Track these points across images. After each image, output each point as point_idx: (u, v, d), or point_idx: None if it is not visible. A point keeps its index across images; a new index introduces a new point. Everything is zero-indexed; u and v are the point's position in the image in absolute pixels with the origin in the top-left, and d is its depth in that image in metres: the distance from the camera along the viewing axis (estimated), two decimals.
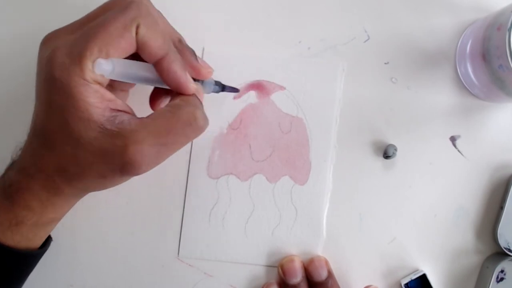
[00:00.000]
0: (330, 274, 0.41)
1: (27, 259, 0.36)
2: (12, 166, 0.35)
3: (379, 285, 0.42)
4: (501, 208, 0.41)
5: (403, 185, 0.42)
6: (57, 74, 0.31)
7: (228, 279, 0.42)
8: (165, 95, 0.38)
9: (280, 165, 0.42)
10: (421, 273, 0.41)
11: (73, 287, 0.42)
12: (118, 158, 0.31)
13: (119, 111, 0.32)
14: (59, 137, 0.32)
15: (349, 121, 0.42)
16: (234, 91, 0.41)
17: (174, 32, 0.36)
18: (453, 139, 0.42)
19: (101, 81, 0.32)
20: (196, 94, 0.35)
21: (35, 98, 0.34)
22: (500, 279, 0.40)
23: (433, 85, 0.42)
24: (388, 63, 0.42)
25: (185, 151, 0.42)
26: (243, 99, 0.42)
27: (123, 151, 0.31)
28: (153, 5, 0.34)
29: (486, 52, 0.37)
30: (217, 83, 0.39)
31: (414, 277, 0.41)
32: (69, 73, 0.31)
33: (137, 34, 0.32)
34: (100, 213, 0.42)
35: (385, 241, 0.42)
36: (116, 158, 0.31)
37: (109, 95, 0.32)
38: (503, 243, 0.40)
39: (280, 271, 0.41)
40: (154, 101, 0.38)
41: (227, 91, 0.40)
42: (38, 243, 0.36)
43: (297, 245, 0.42)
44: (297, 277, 0.40)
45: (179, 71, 0.34)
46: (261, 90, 0.42)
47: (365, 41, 0.43)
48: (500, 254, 0.41)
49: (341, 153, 0.42)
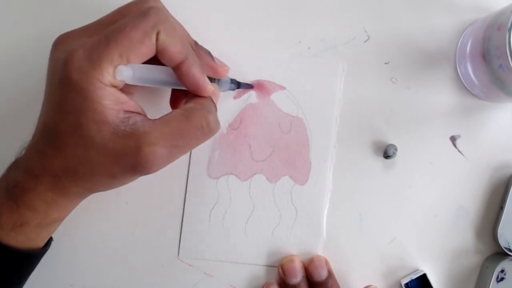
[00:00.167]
0: (330, 274, 0.41)
1: (29, 259, 0.36)
2: (15, 166, 0.35)
3: (379, 285, 0.42)
4: (501, 208, 0.41)
5: (403, 185, 0.42)
6: (74, 76, 0.31)
7: (228, 279, 0.42)
8: (185, 97, 0.39)
9: (280, 165, 0.42)
10: (421, 273, 0.41)
11: (73, 287, 0.42)
12: (130, 158, 0.32)
13: (132, 112, 0.33)
14: (70, 138, 0.32)
15: (349, 121, 0.42)
16: (249, 87, 0.41)
17: (189, 36, 0.36)
18: (453, 139, 0.42)
19: (117, 84, 0.32)
20: (212, 95, 0.36)
21: (44, 99, 0.34)
22: (500, 279, 0.40)
23: (433, 85, 0.42)
24: (388, 63, 0.42)
25: None
26: (243, 99, 0.42)
27: (136, 151, 0.32)
28: (168, 10, 0.34)
29: (486, 52, 0.37)
30: (233, 81, 0.39)
31: (414, 277, 0.41)
32: (87, 76, 0.31)
33: (157, 40, 0.32)
34: (100, 213, 0.42)
35: (385, 241, 0.42)
36: (128, 158, 0.32)
37: (124, 98, 0.33)
38: (503, 243, 0.40)
39: (280, 271, 0.41)
40: (175, 104, 0.39)
41: (242, 88, 0.41)
42: (40, 243, 0.36)
43: (297, 245, 0.42)
44: (297, 277, 0.40)
45: (198, 74, 0.34)
46: (261, 90, 0.42)
47: (365, 41, 0.42)
48: (500, 254, 0.41)
49: (341, 153, 0.42)
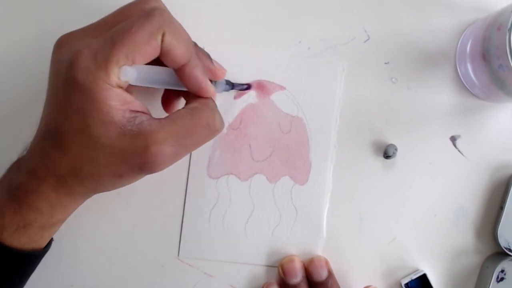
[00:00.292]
0: (330, 274, 0.41)
1: (30, 260, 0.36)
2: (16, 167, 0.35)
3: (379, 285, 0.42)
4: (501, 208, 0.41)
5: (403, 185, 0.42)
6: (80, 78, 0.31)
7: (228, 279, 0.42)
8: (178, 97, 0.39)
9: (280, 165, 0.42)
10: (421, 273, 0.41)
11: (73, 287, 0.42)
12: (138, 157, 0.32)
13: (138, 112, 0.33)
14: (75, 138, 0.32)
15: (349, 121, 0.42)
16: (242, 88, 0.42)
17: (190, 37, 0.36)
18: (453, 139, 0.42)
19: (123, 85, 0.32)
20: (212, 96, 0.36)
21: (46, 99, 0.34)
22: (500, 279, 0.40)
23: (433, 85, 0.42)
24: (388, 63, 0.42)
25: None
26: (243, 99, 0.42)
27: (144, 151, 0.32)
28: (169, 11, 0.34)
29: (486, 52, 0.37)
30: (228, 82, 0.39)
31: (414, 277, 0.41)
32: (94, 77, 0.31)
33: (162, 41, 0.32)
34: (100, 213, 0.42)
35: (385, 241, 0.42)
36: (136, 157, 0.32)
37: (130, 98, 0.33)
38: (503, 243, 0.40)
39: (280, 271, 0.41)
40: (167, 103, 0.39)
41: (236, 89, 0.41)
42: (42, 244, 0.36)
43: (297, 245, 0.42)
44: (297, 277, 0.40)
45: (201, 76, 0.34)
46: (261, 90, 0.42)
47: (365, 41, 0.42)
48: (500, 254, 0.41)
49: (341, 153, 0.42)
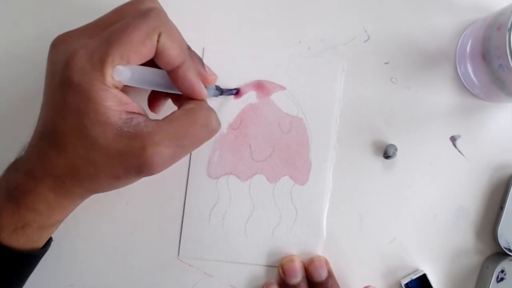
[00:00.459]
0: (330, 274, 0.41)
1: (29, 260, 0.36)
2: (14, 167, 0.35)
3: (379, 285, 0.42)
4: (501, 208, 0.41)
5: (403, 185, 0.42)
6: (76, 78, 0.31)
7: (228, 279, 0.42)
8: (165, 98, 0.39)
9: (280, 165, 0.42)
10: (421, 273, 0.41)
11: (73, 287, 0.42)
12: (135, 159, 0.32)
13: (134, 113, 0.33)
14: (72, 139, 0.32)
15: (349, 121, 0.42)
16: (232, 93, 0.42)
17: (184, 40, 0.36)
18: (453, 139, 0.42)
19: (118, 84, 0.32)
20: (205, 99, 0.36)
21: (43, 100, 0.34)
22: (500, 279, 0.40)
23: (433, 85, 0.42)
24: (388, 63, 0.42)
25: None
26: (243, 99, 0.42)
27: (141, 152, 0.32)
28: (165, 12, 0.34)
29: (486, 52, 0.37)
30: (217, 88, 0.40)
31: (414, 277, 0.41)
32: (90, 78, 0.31)
33: (158, 42, 0.32)
34: (100, 213, 0.42)
35: (385, 241, 0.42)
36: (133, 159, 0.32)
37: (126, 99, 0.32)
38: (503, 243, 0.40)
39: (280, 271, 0.41)
40: (153, 104, 0.39)
41: (225, 95, 0.41)
42: (41, 244, 0.36)
43: (297, 245, 0.42)
44: (297, 277, 0.40)
45: (194, 79, 0.34)
46: (261, 90, 0.42)
47: (365, 41, 0.42)
48: (500, 254, 0.41)
49: (341, 153, 0.42)
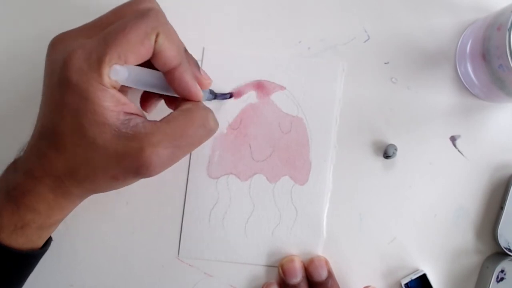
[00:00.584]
0: (330, 274, 0.41)
1: (29, 260, 0.36)
2: (13, 167, 0.35)
3: (379, 285, 0.42)
4: (501, 208, 0.41)
5: (403, 185, 0.42)
6: (74, 78, 0.31)
7: (228, 279, 0.42)
8: (158, 98, 0.39)
9: (280, 165, 0.42)
10: (421, 273, 0.41)
11: (73, 287, 0.42)
12: (133, 160, 0.32)
13: (132, 114, 0.33)
14: (71, 139, 0.32)
15: (349, 121, 0.42)
16: (225, 97, 0.41)
17: (181, 41, 0.36)
18: (453, 139, 0.42)
19: (116, 85, 0.32)
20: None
21: (42, 100, 0.34)
22: (500, 279, 0.40)
23: (433, 85, 0.42)
24: (388, 63, 0.42)
25: None
26: (243, 99, 0.42)
27: (139, 153, 0.31)
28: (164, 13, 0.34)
29: (486, 52, 0.37)
30: (211, 92, 0.39)
31: (414, 277, 0.41)
32: (87, 78, 0.31)
33: (155, 42, 0.32)
34: (100, 213, 0.42)
35: (385, 241, 0.42)
36: (131, 160, 0.32)
37: (124, 99, 0.32)
38: (503, 243, 0.40)
39: (280, 271, 0.41)
40: (145, 103, 0.39)
41: (218, 99, 0.41)
42: (40, 244, 0.36)
43: (297, 245, 0.42)
44: (297, 277, 0.40)
45: (190, 81, 0.34)
46: (261, 90, 0.42)
47: (365, 41, 0.43)
48: (500, 254, 0.41)
49: (341, 153, 0.42)
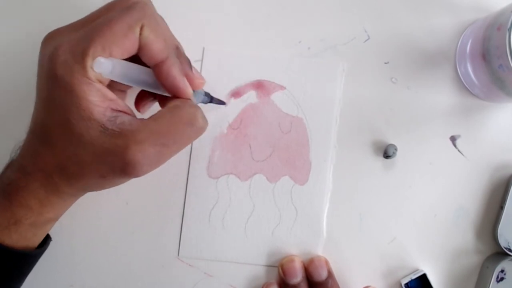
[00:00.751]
0: (330, 274, 0.41)
1: (25, 259, 0.36)
2: (10, 165, 0.35)
3: (379, 285, 0.41)
4: (501, 208, 0.41)
5: (403, 185, 0.42)
6: (59, 71, 0.31)
7: (228, 279, 0.42)
8: (152, 98, 0.38)
9: (280, 165, 0.42)
10: (421, 273, 0.41)
11: (73, 287, 0.42)
12: (119, 158, 0.31)
13: (120, 111, 0.32)
14: (59, 135, 0.32)
15: (349, 121, 0.42)
16: (220, 103, 0.40)
17: (173, 37, 0.36)
18: (453, 139, 0.42)
19: (103, 80, 0.32)
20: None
21: (35, 96, 0.34)
22: (500, 279, 0.40)
23: (433, 85, 0.42)
24: (388, 63, 0.42)
25: (185, 151, 0.42)
26: (243, 99, 0.42)
27: (124, 151, 0.31)
28: (155, 8, 0.34)
29: (486, 52, 0.37)
30: (206, 94, 0.38)
31: (414, 277, 0.41)
32: (71, 71, 0.31)
33: (140, 35, 0.32)
34: (100, 213, 0.42)
35: (385, 241, 0.42)
36: (117, 158, 0.31)
37: (111, 95, 0.32)
38: (503, 243, 0.40)
39: (280, 271, 0.41)
40: (139, 103, 0.38)
41: (214, 103, 0.40)
42: (36, 242, 0.36)
43: (297, 245, 0.42)
44: (297, 277, 0.40)
45: (178, 76, 0.34)
46: (261, 90, 0.42)
47: (365, 41, 0.43)
48: (500, 254, 0.41)
49: (341, 153, 0.42)
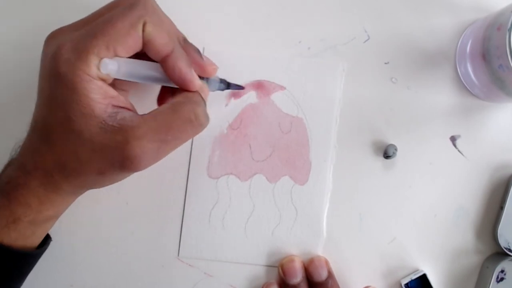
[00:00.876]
0: (330, 274, 0.41)
1: (25, 259, 0.36)
2: (10, 163, 0.35)
3: (379, 285, 0.41)
4: (501, 208, 0.41)
5: (403, 185, 0.42)
6: (62, 69, 0.31)
7: (228, 279, 0.42)
8: (172, 95, 0.39)
9: (280, 165, 0.42)
10: (421, 273, 0.41)
11: (73, 287, 0.42)
12: (118, 153, 0.32)
13: (121, 107, 0.33)
14: (60, 132, 0.32)
15: (349, 121, 0.42)
16: (239, 88, 0.41)
17: (178, 31, 0.36)
18: (453, 139, 0.42)
19: (105, 78, 0.32)
20: (200, 91, 0.35)
21: (37, 94, 0.34)
22: (500, 279, 0.40)
23: (433, 85, 0.42)
24: (388, 63, 0.42)
25: (185, 151, 0.42)
26: (243, 99, 0.42)
27: (123, 146, 0.31)
28: (157, 4, 0.34)
29: (486, 52, 0.37)
30: (222, 81, 0.39)
31: (414, 277, 0.41)
32: (74, 68, 0.31)
33: (143, 31, 0.32)
34: (100, 213, 0.42)
35: (385, 241, 0.42)
36: (116, 153, 0.32)
37: (112, 92, 0.32)
38: (503, 243, 0.40)
39: (280, 271, 0.41)
40: (161, 101, 0.39)
41: (232, 89, 0.40)
42: (36, 241, 0.36)
43: (297, 245, 0.42)
44: (297, 277, 0.40)
45: (185, 68, 0.34)
46: (261, 90, 0.42)
47: (365, 41, 0.43)
48: (500, 254, 0.41)
49: (341, 153, 0.42)
